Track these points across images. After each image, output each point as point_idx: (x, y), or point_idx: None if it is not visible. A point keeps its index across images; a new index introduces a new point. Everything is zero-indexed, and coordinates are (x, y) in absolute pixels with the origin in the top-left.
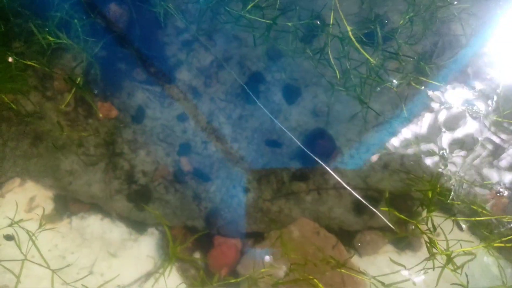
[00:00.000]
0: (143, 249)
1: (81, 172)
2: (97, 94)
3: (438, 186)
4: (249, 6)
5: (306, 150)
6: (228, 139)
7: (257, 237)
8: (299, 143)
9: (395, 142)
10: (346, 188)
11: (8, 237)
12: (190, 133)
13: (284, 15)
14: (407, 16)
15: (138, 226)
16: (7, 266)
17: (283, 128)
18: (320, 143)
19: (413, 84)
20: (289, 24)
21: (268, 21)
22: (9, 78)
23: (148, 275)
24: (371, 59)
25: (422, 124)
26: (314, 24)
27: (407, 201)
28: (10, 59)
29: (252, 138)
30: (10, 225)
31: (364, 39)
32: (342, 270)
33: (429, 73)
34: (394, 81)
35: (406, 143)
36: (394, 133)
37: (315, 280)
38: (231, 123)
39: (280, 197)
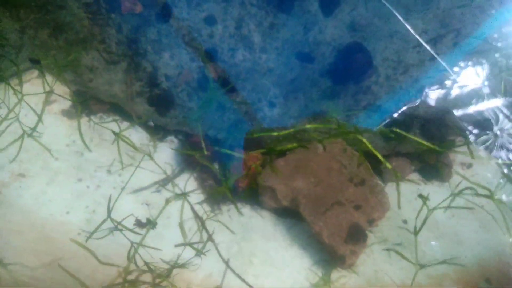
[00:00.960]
0: (161, 156)
1: (102, 70)
2: None
3: None
4: None
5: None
6: (257, 49)
7: (280, 153)
8: (428, 48)
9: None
10: (376, 112)
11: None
12: (217, 39)
13: None
14: None
15: (158, 131)
16: (27, 156)
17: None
18: (356, 58)
19: None
20: None
21: None
22: None
23: (165, 180)
24: None
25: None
26: None
27: (441, 128)
28: None
29: (282, 50)
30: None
31: None
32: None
33: None
34: None
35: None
36: (436, 56)
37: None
38: (261, 32)
39: (307, 116)
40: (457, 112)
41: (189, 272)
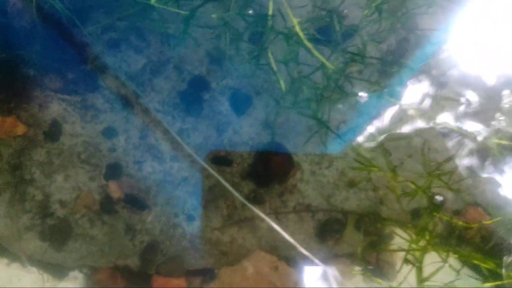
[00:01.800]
0: None
1: None
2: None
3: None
4: None
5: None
6: (167, 158)
7: (206, 275)
8: None
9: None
10: (308, 211)
11: None
12: (120, 152)
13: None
14: (373, 4)
15: (56, 270)
16: None
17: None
18: (276, 160)
19: (387, 96)
20: (214, 16)
21: (184, 12)
22: None
23: None
24: (327, 64)
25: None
26: (248, 15)
27: (376, 222)
28: None
29: (196, 156)
30: None
31: (318, 36)
32: None
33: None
34: (360, 94)
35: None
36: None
37: None
38: (169, 139)
39: (232, 225)
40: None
41: None
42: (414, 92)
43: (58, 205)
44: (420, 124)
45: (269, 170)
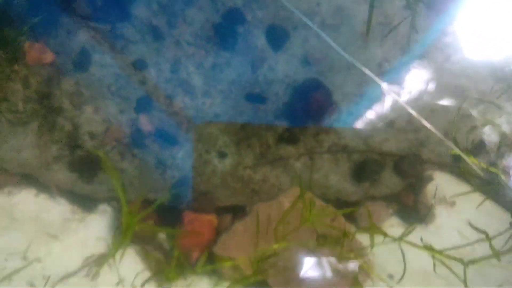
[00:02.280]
0: (92, 231)
1: (7, 134)
2: (24, 31)
3: None
4: None
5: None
6: (198, 93)
7: (237, 212)
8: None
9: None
10: (344, 152)
11: None
12: (151, 85)
13: None
14: None
15: (85, 202)
16: None
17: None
18: (314, 97)
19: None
20: None
21: None
22: None
23: (99, 261)
24: None
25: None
26: None
27: (415, 164)
28: None
29: (229, 92)
30: None
31: None
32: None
33: None
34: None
35: (416, 97)
36: (400, 84)
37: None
38: (202, 73)
39: (265, 164)
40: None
41: None
42: None
43: (87, 136)
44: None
45: (306, 106)
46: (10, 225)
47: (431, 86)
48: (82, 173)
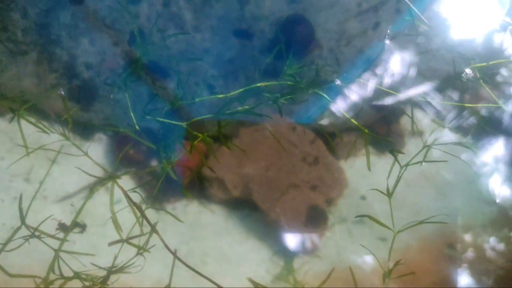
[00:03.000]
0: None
1: (8, 63)
2: None
3: None
4: None
5: None
6: (189, 28)
7: (224, 139)
8: None
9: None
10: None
11: None
12: (144, 19)
13: None
14: None
15: (82, 129)
16: None
17: None
18: (298, 30)
19: None
20: None
21: None
22: None
23: (96, 184)
24: None
25: None
26: None
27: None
28: None
29: (218, 28)
30: None
31: None
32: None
33: None
34: None
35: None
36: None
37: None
38: (192, 9)
39: (250, 96)
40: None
41: (131, 276)
42: None
43: (84, 67)
44: None
45: (290, 39)
46: (12, 149)
47: None
48: (80, 101)
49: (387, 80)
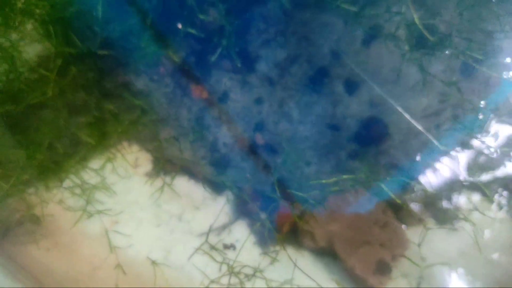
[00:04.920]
0: (220, 207)
1: (174, 141)
2: (193, 79)
3: None
4: None
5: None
6: (295, 121)
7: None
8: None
9: None
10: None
11: None
12: (264, 115)
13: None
14: None
15: (217, 187)
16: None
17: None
18: (375, 127)
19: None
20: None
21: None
22: None
23: (224, 227)
24: None
25: None
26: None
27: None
28: None
29: (316, 122)
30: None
31: None
32: None
33: None
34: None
35: None
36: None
37: None
38: (298, 108)
39: (338, 174)
40: None
41: None
42: None
43: (222, 145)
44: None
45: (369, 135)
46: (173, 197)
47: None
48: (217, 168)
49: None
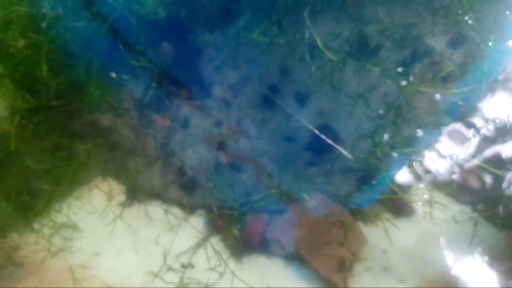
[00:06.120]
0: (189, 225)
1: (144, 170)
2: (155, 111)
3: None
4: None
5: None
6: (254, 137)
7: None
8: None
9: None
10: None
11: None
12: (225, 135)
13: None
14: None
15: (186, 209)
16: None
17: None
18: (327, 135)
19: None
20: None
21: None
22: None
23: (198, 245)
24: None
25: None
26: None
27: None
28: None
29: (272, 136)
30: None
31: None
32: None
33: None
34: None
35: None
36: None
37: None
38: (255, 125)
39: (298, 181)
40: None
41: None
42: None
43: (189, 168)
44: None
45: (321, 143)
46: (148, 223)
47: None
48: (187, 190)
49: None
